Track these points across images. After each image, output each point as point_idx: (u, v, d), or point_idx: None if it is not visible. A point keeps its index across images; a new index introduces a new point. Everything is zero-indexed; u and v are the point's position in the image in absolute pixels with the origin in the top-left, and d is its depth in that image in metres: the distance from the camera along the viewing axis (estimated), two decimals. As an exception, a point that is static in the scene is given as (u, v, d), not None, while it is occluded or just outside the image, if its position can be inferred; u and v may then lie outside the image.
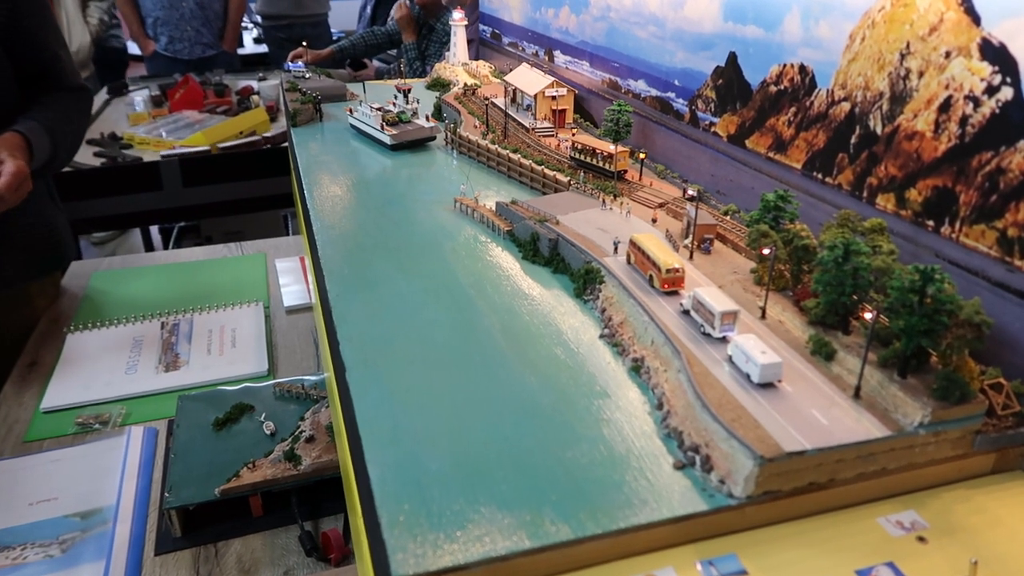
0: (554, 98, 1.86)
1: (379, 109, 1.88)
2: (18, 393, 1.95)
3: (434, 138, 1.89)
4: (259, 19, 7.42)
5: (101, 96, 4.48)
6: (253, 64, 5.68)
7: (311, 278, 1.61)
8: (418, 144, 1.88)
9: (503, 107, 1.94)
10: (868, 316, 0.86)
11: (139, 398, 1.92)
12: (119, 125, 3.87)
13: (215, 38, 5.10)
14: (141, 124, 3.82)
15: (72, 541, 1.47)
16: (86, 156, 3.48)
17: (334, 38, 5.77)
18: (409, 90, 1.94)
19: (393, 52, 5.16)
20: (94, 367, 2.03)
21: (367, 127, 1.92)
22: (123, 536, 1.49)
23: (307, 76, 2.46)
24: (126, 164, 3.41)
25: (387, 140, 1.83)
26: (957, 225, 0.98)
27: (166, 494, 1.51)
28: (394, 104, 1.93)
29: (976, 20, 0.93)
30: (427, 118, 1.93)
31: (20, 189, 1.85)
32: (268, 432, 1.70)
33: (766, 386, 0.85)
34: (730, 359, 0.90)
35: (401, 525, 0.71)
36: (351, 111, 1.99)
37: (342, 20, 6.44)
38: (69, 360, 2.06)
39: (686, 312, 1.00)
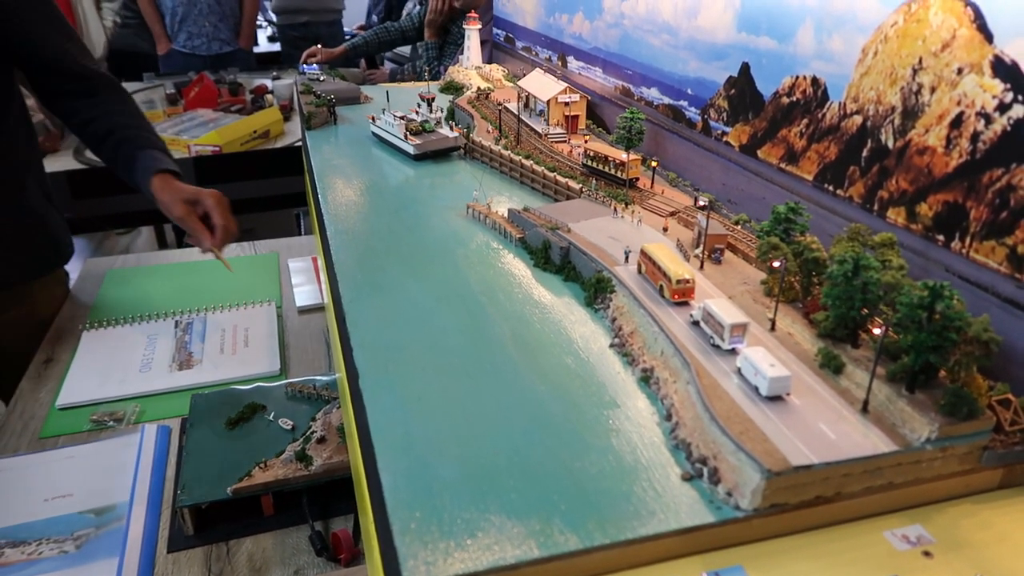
0: (567, 104, 1.87)
1: (402, 118, 1.86)
2: (34, 389, 1.98)
3: (458, 148, 1.87)
4: (273, 18, 7.46)
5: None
6: (267, 63, 5.71)
7: (323, 280, 1.63)
8: (441, 154, 1.86)
9: (516, 112, 1.95)
10: (877, 331, 0.87)
11: (153, 396, 1.95)
12: (134, 123, 3.89)
13: (232, 34, 5.13)
14: (156, 122, 3.84)
15: (86, 537, 1.49)
16: (102, 154, 3.51)
17: (349, 37, 5.80)
18: (433, 99, 1.91)
19: (406, 52, 5.17)
20: (109, 365, 2.05)
21: (390, 136, 1.90)
22: (136, 533, 1.50)
23: (321, 78, 2.48)
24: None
25: (410, 150, 1.82)
26: (967, 241, 0.98)
27: (179, 492, 1.52)
28: (417, 113, 1.91)
29: (989, 37, 0.93)
30: (451, 127, 1.90)
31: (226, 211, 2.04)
32: (287, 427, 1.72)
33: (774, 399, 0.86)
34: (739, 371, 0.90)
35: (412, 532, 0.72)
36: (373, 119, 1.98)
37: (357, 20, 6.46)
38: (84, 357, 2.09)
39: (696, 323, 1.01)
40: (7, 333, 2.24)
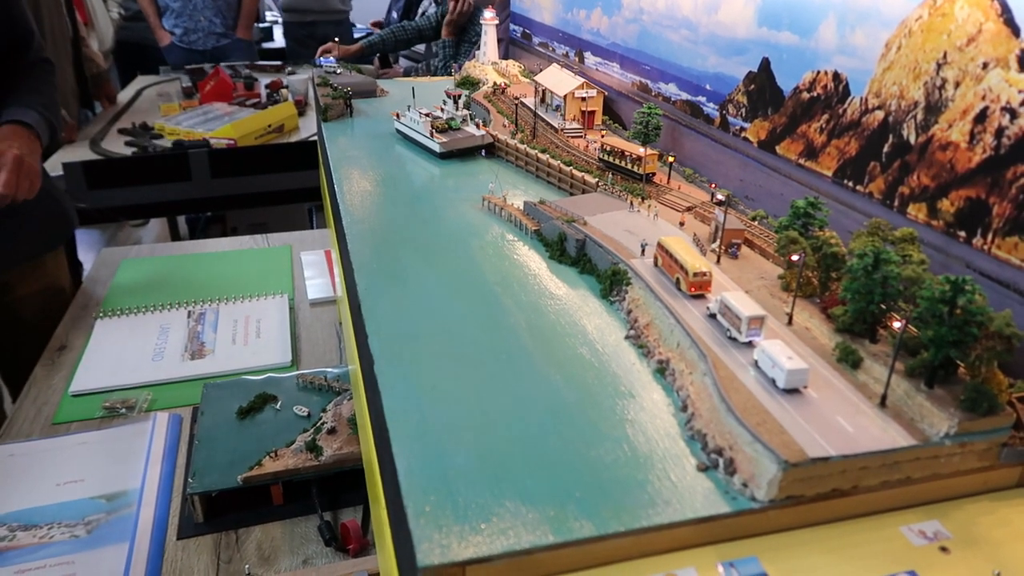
0: (584, 99, 1.86)
1: (427, 115, 1.83)
2: (48, 376, 1.99)
3: (485, 146, 1.82)
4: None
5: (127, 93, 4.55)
6: (283, 58, 5.74)
7: (338, 271, 1.63)
8: (467, 152, 1.81)
9: (532, 107, 1.95)
10: (896, 325, 0.86)
11: (165, 385, 1.96)
12: (150, 115, 3.92)
13: (228, 28, 5.14)
14: (172, 115, 3.87)
15: (97, 523, 1.50)
16: (117, 145, 3.53)
17: (364, 34, 5.82)
18: (459, 96, 1.89)
19: (421, 49, 5.18)
20: (122, 353, 2.06)
21: (415, 133, 1.86)
22: (147, 520, 1.51)
23: (338, 71, 2.48)
24: (156, 154, 3.45)
25: (436, 148, 1.78)
26: (989, 237, 0.97)
27: (189, 480, 1.53)
28: (442, 110, 1.88)
29: (1016, 31, 0.92)
30: (477, 125, 1.85)
31: (26, 178, 1.92)
32: (302, 414, 1.73)
33: (792, 392, 0.85)
34: (756, 364, 0.90)
35: (427, 516, 0.72)
36: (398, 115, 1.94)
37: (368, 16, 6.47)
38: (98, 345, 2.10)
39: (712, 316, 1.00)
40: (30, 306, 2.30)
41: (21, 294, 2.30)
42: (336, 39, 4.21)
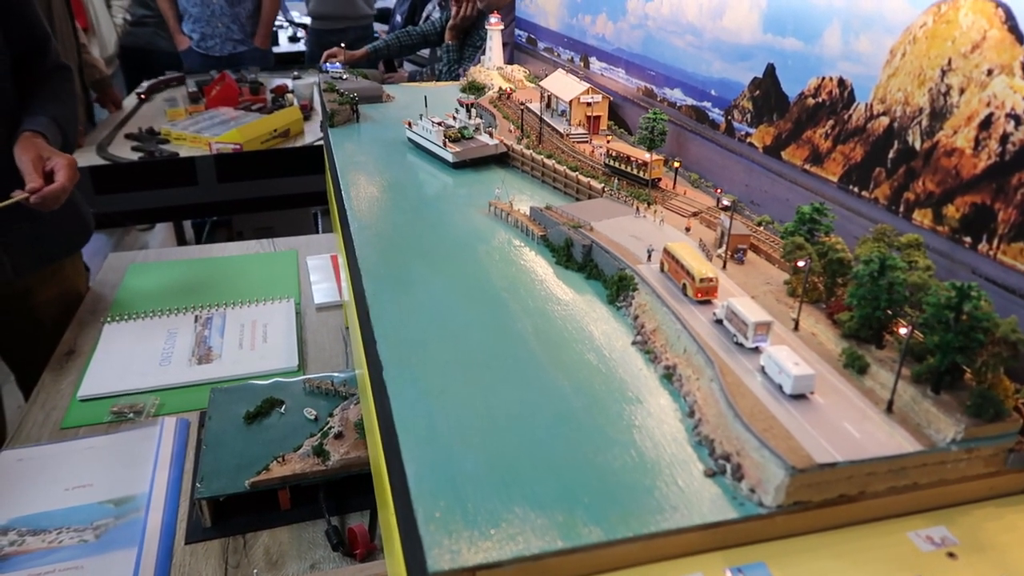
0: (589, 104, 1.87)
1: (440, 124, 1.81)
2: (56, 380, 2.00)
3: (498, 155, 1.80)
4: (296, 18, 7.52)
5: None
6: (288, 63, 5.75)
7: (344, 276, 1.63)
8: (480, 162, 1.79)
9: (538, 112, 1.95)
10: (902, 331, 0.87)
11: (172, 389, 1.96)
12: (156, 120, 3.94)
13: (246, 35, 5.17)
14: (178, 120, 3.88)
15: (105, 527, 1.51)
16: (123, 150, 3.54)
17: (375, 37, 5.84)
18: (472, 104, 1.88)
19: (426, 54, 5.19)
20: (129, 357, 2.07)
21: (427, 143, 1.85)
22: (155, 524, 1.52)
23: (344, 77, 2.49)
24: (162, 159, 3.47)
25: (449, 157, 1.76)
26: (995, 242, 0.97)
27: (197, 484, 1.54)
28: (455, 118, 1.87)
29: (1020, 38, 0.93)
30: (491, 134, 1.82)
31: (74, 178, 1.96)
32: (311, 417, 1.73)
33: (798, 397, 0.86)
34: (762, 369, 0.90)
35: (437, 521, 0.72)
36: (410, 124, 1.93)
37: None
38: (105, 350, 2.11)
39: (719, 321, 1.00)
40: (49, 311, 2.32)
41: (41, 299, 2.32)
42: (342, 44, 4.22)
